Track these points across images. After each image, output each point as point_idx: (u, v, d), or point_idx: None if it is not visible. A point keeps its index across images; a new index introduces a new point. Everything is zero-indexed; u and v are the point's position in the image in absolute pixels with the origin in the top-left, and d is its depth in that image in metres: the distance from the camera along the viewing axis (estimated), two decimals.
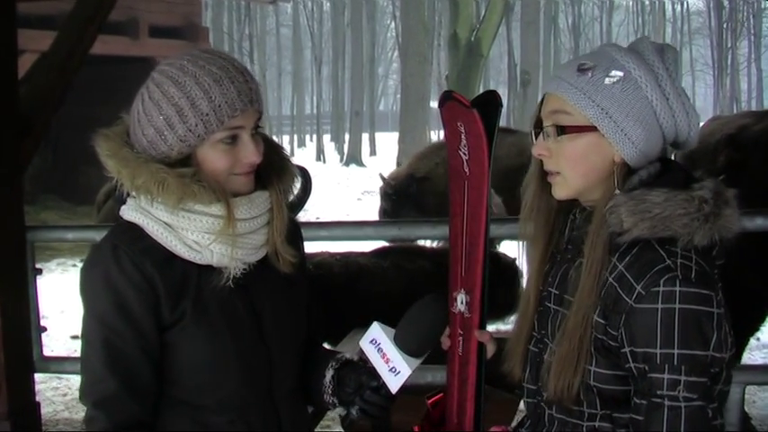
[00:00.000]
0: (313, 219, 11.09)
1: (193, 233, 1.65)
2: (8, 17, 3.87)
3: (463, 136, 1.78)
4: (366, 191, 17.72)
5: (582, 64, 1.60)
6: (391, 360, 1.74)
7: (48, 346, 5.20)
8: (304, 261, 1.89)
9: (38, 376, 4.40)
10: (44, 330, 4.41)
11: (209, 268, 1.68)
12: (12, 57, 3.92)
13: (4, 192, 3.92)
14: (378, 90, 48.62)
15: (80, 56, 4.18)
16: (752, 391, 5.09)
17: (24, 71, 4.27)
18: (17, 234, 4.06)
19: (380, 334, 1.77)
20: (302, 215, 4.34)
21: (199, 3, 14.86)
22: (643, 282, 1.50)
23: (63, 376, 5.62)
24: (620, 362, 1.55)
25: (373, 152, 33.13)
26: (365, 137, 33.03)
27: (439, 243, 5.97)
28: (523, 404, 1.77)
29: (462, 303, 1.82)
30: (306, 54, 44.84)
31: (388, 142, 26.85)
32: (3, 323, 3.84)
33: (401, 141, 19.80)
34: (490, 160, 1.75)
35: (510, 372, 1.76)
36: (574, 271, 1.62)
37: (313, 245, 4.46)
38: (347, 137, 32.12)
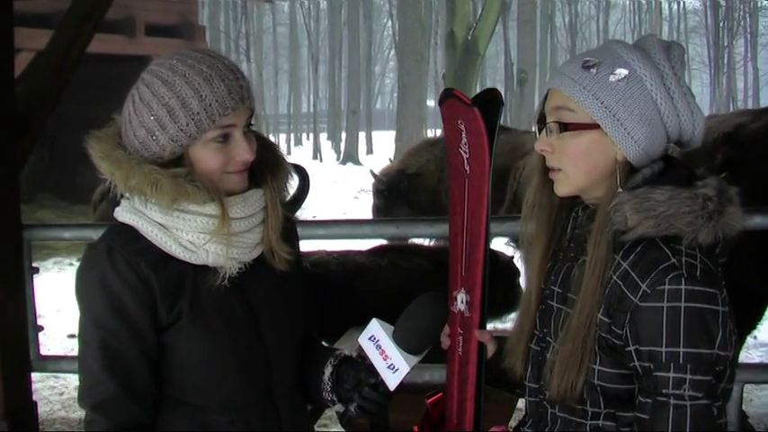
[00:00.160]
0: (310, 217, 11.09)
1: (188, 233, 1.65)
2: (5, 15, 3.87)
3: (464, 134, 1.78)
4: (363, 189, 17.70)
5: (587, 60, 1.59)
6: (390, 357, 1.74)
7: (44, 345, 5.20)
8: (300, 258, 1.89)
9: (35, 375, 4.40)
10: (41, 329, 4.41)
11: (204, 268, 1.67)
12: (8, 55, 3.92)
13: (1, 191, 3.91)
14: (375, 89, 48.59)
15: (77, 54, 4.17)
16: (749, 390, 5.09)
17: (21, 70, 4.27)
18: (14, 233, 4.06)
19: (379, 331, 1.76)
20: (299, 214, 4.33)
21: (195, 1, 14.86)
22: (648, 280, 1.50)
23: (60, 375, 5.62)
24: (624, 360, 1.54)
25: (370, 151, 33.10)
26: (362, 135, 32.98)
27: (433, 241, 5.96)
28: (525, 403, 1.77)
29: (462, 303, 1.81)
30: (303, 52, 44.76)
31: (385, 141, 26.83)
32: None
33: (398, 140, 19.81)
34: (491, 159, 1.74)
35: (511, 368, 1.75)
36: (577, 269, 1.62)
37: (310, 243, 4.46)
38: (344, 135, 32.09)
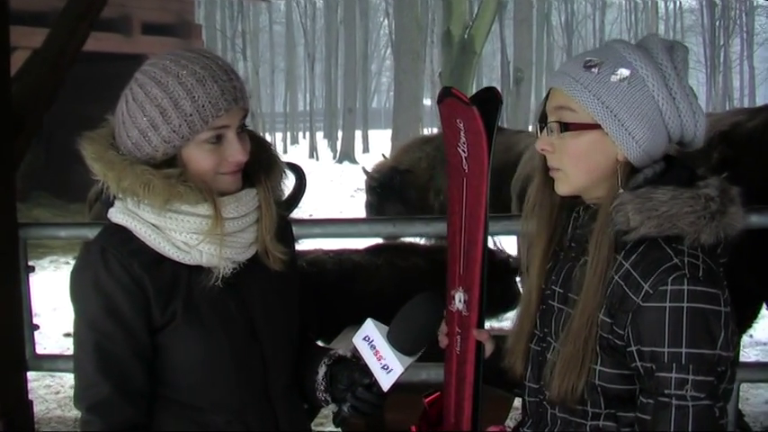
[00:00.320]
0: (306, 216, 11.08)
1: (181, 234, 1.65)
2: (1, 14, 3.85)
3: (462, 133, 1.77)
4: (359, 188, 17.66)
5: (588, 60, 1.58)
6: (384, 357, 1.74)
7: (40, 344, 5.17)
8: (295, 258, 1.89)
9: (30, 374, 4.38)
10: (37, 328, 4.39)
11: (198, 268, 1.67)
12: (4, 54, 3.90)
13: None
14: (371, 87, 48.57)
15: (72, 53, 4.16)
16: (745, 389, 5.09)
17: (17, 68, 4.26)
18: (9, 231, 4.04)
19: (374, 331, 1.76)
20: (295, 212, 4.33)
21: (191, 0, 14.82)
22: (650, 280, 1.49)
23: (56, 374, 5.60)
24: (625, 361, 1.54)
25: (366, 149, 33.07)
26: (358, 134, 32.98)
27: (427, 240, 5.96)
28: (524, 403, 1.76)
29: (460, 302, 1.81)
30: (299, 51, 44.76)
31: (382, 139, 26.83)
32: None
33: (394, 138, 19.79)
34: (490, 158, 1.73)
35: (511, 368, 1.75)
36: (578, 270, 1.61)
37: (307, 242, 4.45)
38: (340, 134, 32.10)
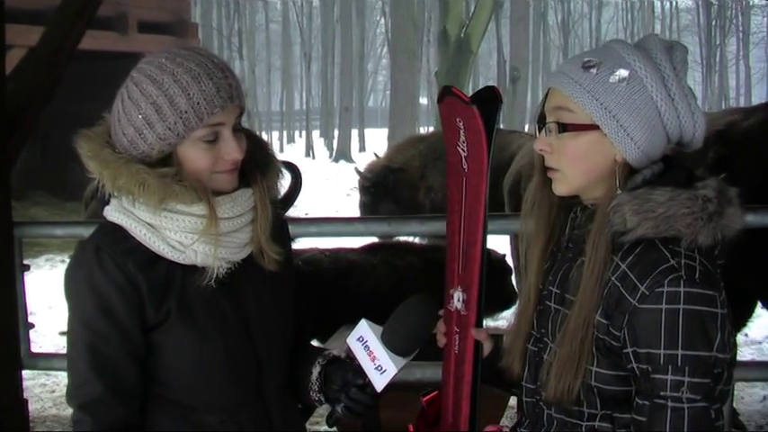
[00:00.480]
0: (302, 215, 11.07)
1: (176, 233, 1.65)
2: None
3: (462, 132, 1.77)
4: (355, 187, 17.63)
5: (587, 60, 1.58)
6: (378, 358, 1.74)
7: (36, 343, 5.17)
8: (291, 258, 1.88)
9: (26, 373, 4.38)
10: (32, 327, 4.40)
11: (193, 268, 1.67)
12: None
13: None
14: (367, 86, 48.59)
15: (68, 51, 4.16)
16: (740, 388, 5.11)
17: (13, 66, 4.25)
18: (4, 230, 4.04)
19: (368, 332, 1.76)
20: (291, 211, 4.33)
21: None
22: (647, 282, 1.49)
23: (51, 373, 5.59)
24: (621, 362, 1.54)
25: (362, 148, 33.06)
26: (354, 133, 32.97)
27: (422, 239, 5.96)
28: (522, 403, 1.76)
29: (459, 301, 1.81)
30: (295, 50, 44.75)
31: (378, 138, 26.83)
32: None
33: (390, 137, 19.81)
34: (489, 157, 1.73)
35: (508, 368, 1.74)
36: (575, 270, 1.61)
37: (303, 241, 4.46)
38: (336, 133, 32.07)
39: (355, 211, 7.97)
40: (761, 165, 4.02)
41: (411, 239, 5.93)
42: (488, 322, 5.41)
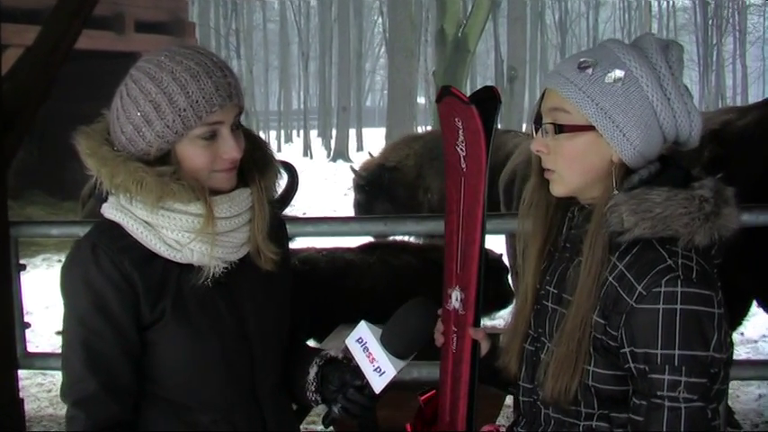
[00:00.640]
0: (300, 214, 11.07)
1: (173, 232, 1.65)
2: None
3: (461, 132, 1.77)
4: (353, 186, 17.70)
5: (583, 61, 1.58)
6: (377, 360, 1.74)
7: (32, 342, 5.17)
8: (288, 258, 1.88)
9: (23, 372, 4.38)
10: (28, 326, 4.39)
11: (189, 267, 1.67)
12: None
13: None
14: (365, 85, 48.55)
15: (64, 50, 4.15)
16: (735, 386, 5.12)
17: (10, 66, 4.25)
18: (0, 229, 4.04)
19: (367, 333, 1.76)
20: (289, 211, 4.33)
21: None
22: (644, 282, 1.49)
23: (48, 372, 5.58)
24: (618, 362, 1.54)
25: (360, 148, 33.02)
26: (352, 132, 32.96)
27: (419, 239, 5.96)
28: (519, 402, 1.76)
29: (457, 300, 1.81)
30: (293, 49, 44.70)
31: (376, 138, 26.83)
32: None
33: (388, 136, 19.79)
34: (488, 157, 1.74)
35: (505, 367, 1.75)
36: (572, 270, 1.61)
37: (299, 240, 4.46)
38: (334, 132, 32.07)
39: (353, 211, 7.97)
40: (756, 163, 4.02)
41: (407, 239, 5.94)
42: (485, 321, 5.42)
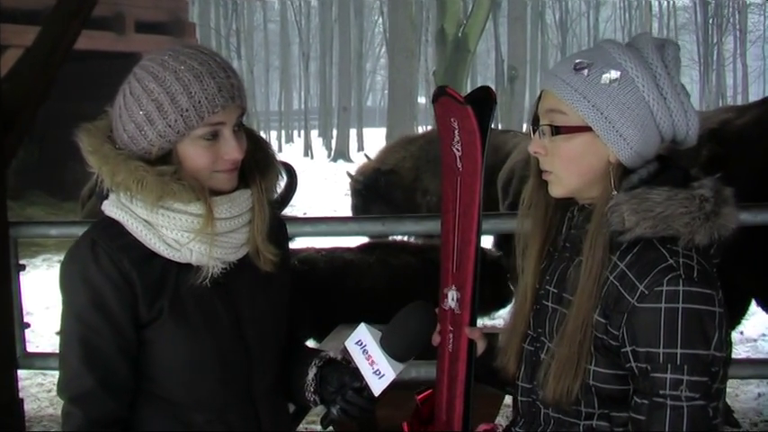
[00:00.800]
0: (300, 214, 11.09)
1: (172, 231, 1.65)
2: None
3: (456, 132, 1.77)
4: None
5: (578, 62, 1.57)
6: (376, 363, 1.74)
7: (33, 342, 5.18)
8: (288, 259, 1.88)
9: (23, 372, 4.39)
10: (27, 326, 4.40)
11: (188, 266, 1.67)
12: None
13: None
14: (365, 86, 48.60)
15: (63, 51, 4.15)
16: (735, 385, 5.13)
17: (9, 67, 4.26)
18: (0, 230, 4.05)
19: (367, 336, 1.76)
20: (289, 211, 4.34)
21: None
22: (646, 281, 1.49)
23: (48, 372, 5.59)
24: (619, 361, 1.54)
25: (361, 148, 33.00)
26: (353, 132, 33.00)
27: (417, 239, 5.96)
28: (517, 402, 1.76)
29: (453, 300, 1.81)
30: (293, 49, 44.72)
31: (376, 138, 26.85)
32: None
33: (389, 137, 19.79)
34: (484, 157, 1.74)
35: (504, 367, 1.74)
36: (573, 270, 1.61)
37: (297, 240, 4.47)
38: (335, 132, 32.11)
39: (351, 214, 7.97)
40: (755, 162, 4.03)
41: (406, 239, 5.94)
42: (486, 321, 5.43)
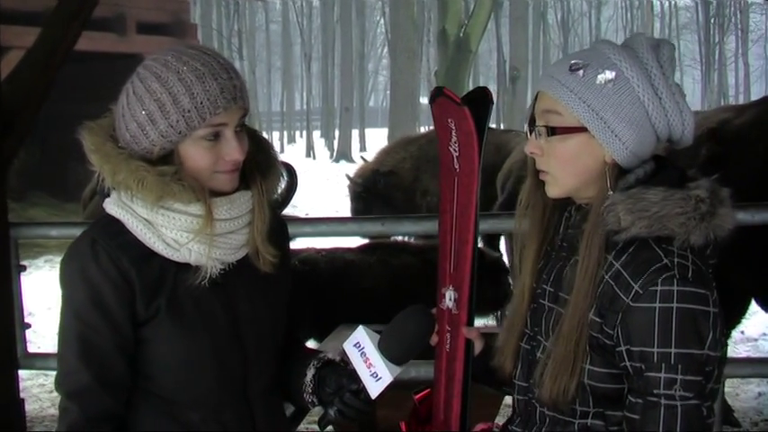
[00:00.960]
0: (302, 215, 11.09)
1: (172, 231, 1.65)
2: None
3: (454, 132, 1.78)
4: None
5: (574, 63, 1.58)
6: (374, 365, 1.74)
7: (34, 343, 5.18)
8: (288, 259, 1.89)
9: (25, 373, 4.39)
10: (28, 327, 4.40)
11: (187, 266, 1.68)
12: None
13: None
14: (367, 86, 48.59)
15: (63, 52, 4.14)
16: (735, 384, 5.13)
17: (11, 68, 4.26)
18: (0, 231, 4.05)
19: (365, 338, 1.76)
20: (291, 211, 4.35)
21: None
22: (641, 280, 1.50)
23: (49, 373, 5.58)
24: (614, 360, 1.54)
25: (363, 148, 33.00)
26: (355, 133, 32.99)
27: (417, 239, 5.97)
28: (513, 400, 1.76)
29: (450, 300, 1.82)
30: (295, 50, 44.77)
31: (378, 138, 26.84)
32: None
33: (391, 137, 19.80)
34: (480, 157, 1.74)
35: (500, 367, 1.75)
36: (569, 269, 1.61)
37: (298, 241, 4.47)
38: (337, 133, 32.11)
39: None
40: (753, 162, 4.03)
41: (406, 239, 5.95)
42: (486, 321, 5.43)
